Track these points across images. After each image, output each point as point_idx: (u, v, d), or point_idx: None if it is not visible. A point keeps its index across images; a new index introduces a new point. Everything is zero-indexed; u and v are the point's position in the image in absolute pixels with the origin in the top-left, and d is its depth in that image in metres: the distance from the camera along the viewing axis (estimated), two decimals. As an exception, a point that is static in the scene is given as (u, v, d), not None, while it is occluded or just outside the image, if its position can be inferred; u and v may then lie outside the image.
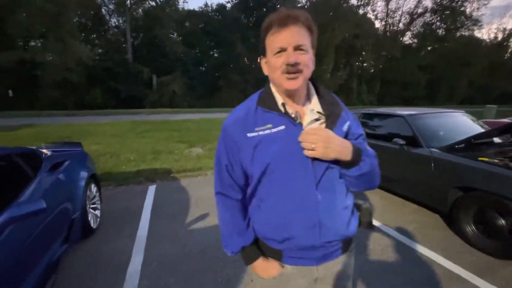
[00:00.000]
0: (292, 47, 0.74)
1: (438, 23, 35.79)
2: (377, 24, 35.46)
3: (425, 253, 2.45)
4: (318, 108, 0.85)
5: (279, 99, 0.84)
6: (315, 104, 0.86)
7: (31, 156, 2.31)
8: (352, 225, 0.89)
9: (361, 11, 32.28)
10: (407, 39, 37.07)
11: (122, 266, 2.24)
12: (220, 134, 0.89)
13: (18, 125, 10.35)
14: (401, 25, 35.99)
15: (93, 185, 2.96)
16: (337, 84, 27.89)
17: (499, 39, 38.65)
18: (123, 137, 8.26)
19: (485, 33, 62.58)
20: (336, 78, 28.25)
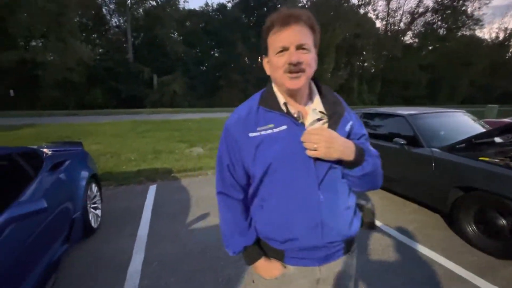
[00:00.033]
0: (295, 46, 0.74)
1: (439, 23, 35.75)
2: (378, 24, 35.49)
3: (426, 253, 2.45)
4: (321, 108, 0.84)
5: (281, 99, 0.83)
6: (318, 104, 0.85)
7: (32, 156, 2.31)
8: (355, 226, 0.89)
9: (362, 11, 32.30)
10: (408, 39, 37.10)
11: (123, 266, 2.24)
12: (222, 134, 0.88)
13: (19, 125, 10.38)
14: (402, 25, 36.00)
15: (94, 185, 2.96)
16: (338, 84, 27.83)
17: (501, 39, 38.55)
18: (124, 137, 8.26)
19: (487, 33, 62.71)
20: (337, 78, 28.20)
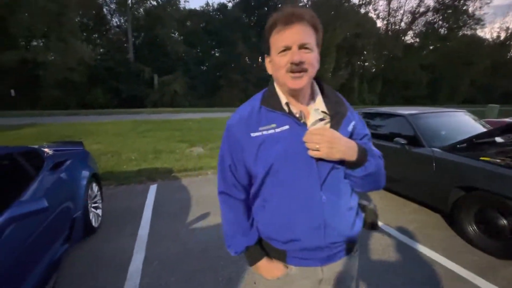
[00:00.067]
0: (297, 46, 0.73)
1: (440, 22, 35.64)
2: (379, 23, 35.41)
3: (426, 253, 2.44)
4: (323, 108, 0.83)
5: (283, 99, 0.82)
6: (320, 104, 0.84)
7: (33, 155, 2.32)
8: (357, 226, 0.88)
9: (363, 10, 32.27)
10: (409, 38, 37.04)
11: (123, 265, 2.24)
12: (224, 134, 0.88)
13: (20, 125, 10.41)
14: (403, 24, 35.94)
15: (95, 184, 2.96)
16: (339, 84, 27.81)
17: (502, 38, 38.51)
18: (125, 137, 8.27)
19: (488, 32, 62.71)
20: (338, 78, 28.18)
